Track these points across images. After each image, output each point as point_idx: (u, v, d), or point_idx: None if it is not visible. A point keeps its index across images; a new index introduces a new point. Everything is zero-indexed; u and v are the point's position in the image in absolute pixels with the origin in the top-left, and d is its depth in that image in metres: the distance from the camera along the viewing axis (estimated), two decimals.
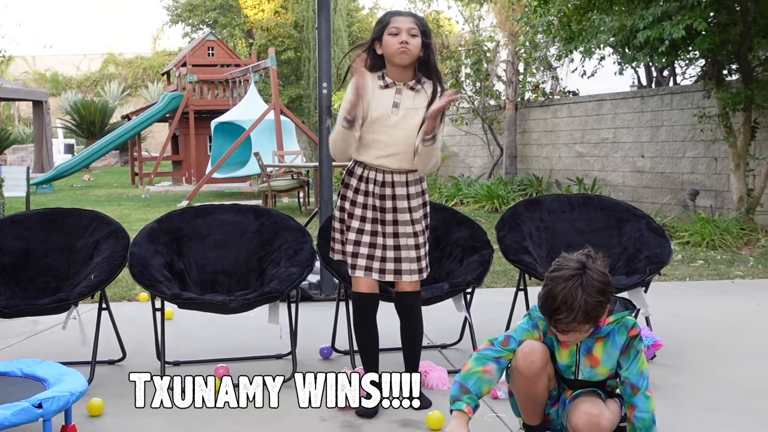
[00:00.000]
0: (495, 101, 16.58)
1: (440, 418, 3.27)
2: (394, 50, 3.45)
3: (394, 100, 3.51)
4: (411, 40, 3.45)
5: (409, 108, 3.51)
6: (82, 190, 19.77)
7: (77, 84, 41.60)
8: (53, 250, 4.43)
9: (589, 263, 2.70)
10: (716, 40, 8.89)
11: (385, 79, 3.54)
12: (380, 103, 3.51)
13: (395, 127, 3.50)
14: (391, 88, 3.54)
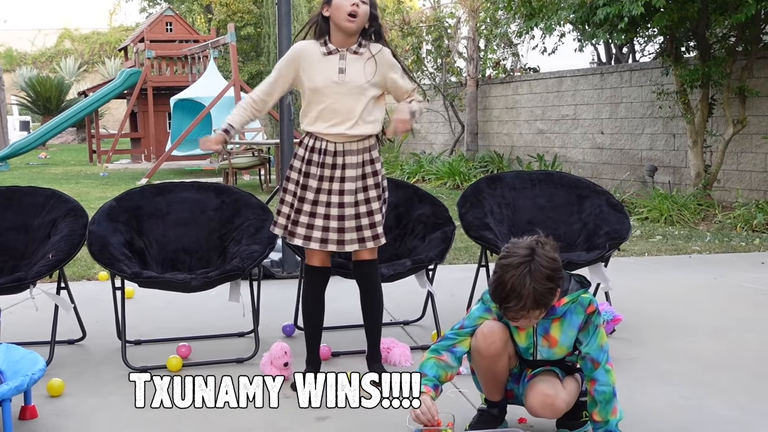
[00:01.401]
0: (456, 78, 16.59)
1: None
2: (344, 14, 3.40)
3: (339, 66, 3.46)
4: (361, 5, 3.41)
5: (355, 73, 3.47)
6: (39, 168, 19.47)
7: (32, 60, 40.87)
8: (9, 229, 4.35)
9: (538, 249, 2.68)
10: (674, 18, 8.98)
11: (327, 46, 3.49)
12: (324, 72, 3.47)
13: (343, 94, 3.46)
14: (335, 54, 3.48)
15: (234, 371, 3.84)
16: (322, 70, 3.47)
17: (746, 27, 9.16)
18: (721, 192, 10.05)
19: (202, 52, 19.46)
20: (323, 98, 3.47)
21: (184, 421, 3.22)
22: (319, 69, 3.47)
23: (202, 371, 3.86)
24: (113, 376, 3.79)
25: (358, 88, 3.46)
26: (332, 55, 3.48)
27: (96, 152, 21.80)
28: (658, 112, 11.20)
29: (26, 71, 35.98)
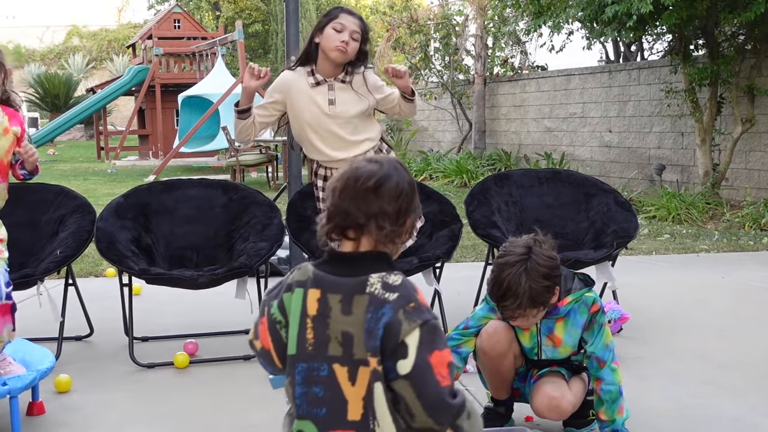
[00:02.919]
0: (464, 76, 16.57)
1: None
2: (333, 46, 3.45)
3: (329, 98, 3.53)
4: (351, 42, 3.47)
5: (344, 102, 3.54)
6: (47, 165, 19.52)
7: (40, 56, 40.97)
8: (17, 226, 4.36)
9: (535, 248, 2.67)
10: (683, 15, 8.95)
11: (315, 76, 3.54)
12: (312, 103, 3.53)
13: (332, 122, 3.52)
14: (323, 85, 3.54)
15: (241, 368, 3.85)
16: (310, 102, 3.53)
17: (755, 25, 9.12)
18: (729, 191, 10.02)
19: (210, 50, 19.48)
20: (313, 130, 3.55)
21: (191, 418, 3.23)
22: (309, 101, 3.53)
23: (209, 368, 3.87)
24: (120, 373, 3.80)
25: (348, 118, 3.54)
26: (320, 86, 3.54)
27: (104, 149, 21.84)
28: (666, 111, 11.17)
29: (35, 68, 36.08)
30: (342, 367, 1.72)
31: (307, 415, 1.77)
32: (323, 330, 1.74)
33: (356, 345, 1.70)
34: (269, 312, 1.85)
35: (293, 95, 3.55)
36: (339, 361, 1.72)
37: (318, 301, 1.75)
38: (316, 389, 1.75)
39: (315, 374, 1.75)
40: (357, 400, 1.72)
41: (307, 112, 3.53)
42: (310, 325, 1.76)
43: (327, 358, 1.73)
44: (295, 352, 1.77)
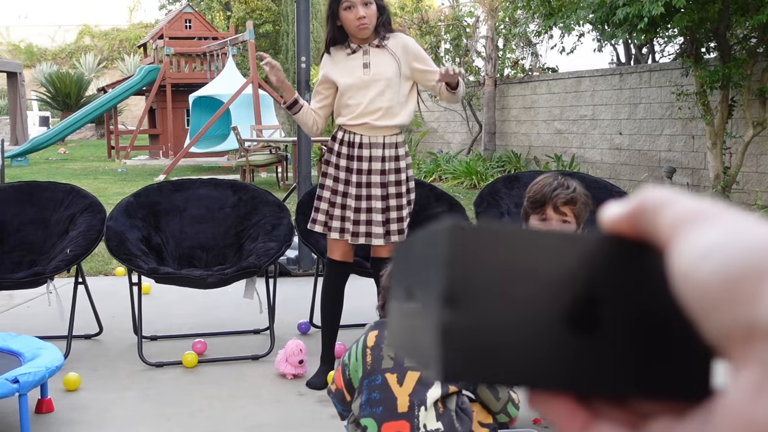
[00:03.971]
0: (474, 77, 16.56)
1: None
2: (354, 27, 3.45)
3: (363, 62, 3.51)
4: (367, 11, 3.44)
5: (380, 66, 3.50)
6: (58, 164, 19.59)
7: (52, 55, 41.11)
8: (28, 224, 4.39)
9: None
10: (695, 18, 8.92)
11: (351, 46, 3.54)
12: (350, 69, 3.52)
13: (367, 88, 3.49)
14: (358, 51, 3.52)
15: (249, 368, 3.85)
16: (348, 68, 3.52)
17: (767, 28, 9.08)
18: (740, 194, 9.98)
19: (220, 50, 19.52)
20: (351, 93, 3.52)
21: (199, 417, 3.23)
22: (346, 68, 3.52)
23: (218, 368, 3.87)
24: (129, 371, 3.81)
25: (384, 81, 3.48)
26: (356, 53, 3.53)
27: (114, 148, 21.90)
28: (677, 113, 11.14)
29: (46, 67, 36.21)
30: (392, 374, 2.20)
31: (369, 415, 2.23)
32: (378, 353, 2.25)
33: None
34: (343, 360, 2.37)
35: (336, 69, 3.56)
36: (390, 370, 2.20)
37: (375, 336, 2.30)
38: (374, 395, 2.21)
39: (373, 384, 2.23)
40: (404, 397, 2.18)
41: (347, 79, 3.52)
42: (369, 353, 2.27)
43: (381, 371, 2.23)
44: (361, 375, 2.28)
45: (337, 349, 4.00)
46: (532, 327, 0.32)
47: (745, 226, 0.29)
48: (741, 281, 0.27)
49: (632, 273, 0.33)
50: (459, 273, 0.31)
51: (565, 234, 0.33)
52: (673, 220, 0.31)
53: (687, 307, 0.30)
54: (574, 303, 0.32)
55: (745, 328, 0.27)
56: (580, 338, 0.32)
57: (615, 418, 0.33)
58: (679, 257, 0.30)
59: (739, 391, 0.27)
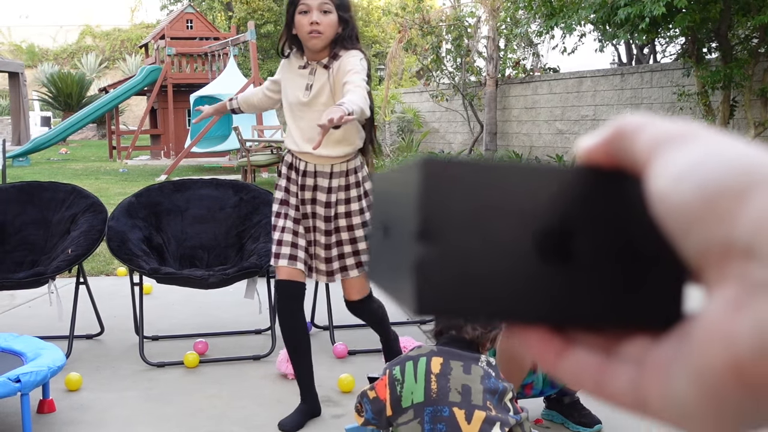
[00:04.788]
0: (475, 77, 16.56)
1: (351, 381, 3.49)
2: (305, 33, 3.05)
3: (307, 82, 3.15)
4: (323, 18, 3.03)
5: (320, 88, 3.12)
6: (59, 164, 19.60)
7: (54, 56, 41.15)
8: (30, 224, 4.39)
9: None
10: (696, 18, 8.92)
11: (303, 58, 3.19)
12: (294, 87, 3.19)
13: (307, 110, 3.13)
14: (306, 68, 3.17)
15: (250, 368, 3.86)
16: (294, 85, 3.20)
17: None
18: None
19: (222, 50, 19.53)
20: (293, 115, 3.20)
21: (200, 417, 3.24)
22: (292, 84, 3.21)
23: (219, 368, 3.88)
24: (131, 371, 3.82)
25: (321, 107, 3.07)
26: (305, 69, 3.18)
27: (116, 148, 21.91)
28: (679, 114, 11.14)
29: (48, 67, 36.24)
30: (460, 410, 2.22)
31: None
32: (445, 383, 2.27)
33: (474, 395, 2.24)
34: (391, 373, 2.36)
35: (285, 78, 3.25)
36: (458, 405, 2.23)
37: (441, 365, 2.30)
38: (440, 426, 2.22)
39: (439, 415, 2.23)
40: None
41: (290, 96, 3.19)
42: (434, 380, 2.28)
43: (448, 403, 2.24)
44: (422, 400, 2.27)
45: (338, 349, 4.00)
46: (505, 260, 0.32)
47: (723, 146, 0.29)
48: (719, 200, 0.27)
49: (608, 202, 0.33)
50: (432, 207, 0.31)
51: (540, 166, 0.33)
52: (649, 143, 0.31)
53: (665, 229, 0.30)
54: (549, 235, 0.32)
55: (723, 247, 0.27)
56: (554, 270, 0.32)
57: (589, 343, 0.33)
58: (656, 179, 0.30)
59: (717, 308, 0.27)
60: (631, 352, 0.32)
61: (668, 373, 0.29)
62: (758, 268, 0.26)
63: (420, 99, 18.29)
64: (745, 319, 0.25)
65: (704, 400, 0.27)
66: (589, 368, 0.33)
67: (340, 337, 4.17)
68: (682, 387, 0.28)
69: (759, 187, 0.26)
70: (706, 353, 0.27)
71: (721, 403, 0.27)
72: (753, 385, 0.25)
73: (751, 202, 0.26)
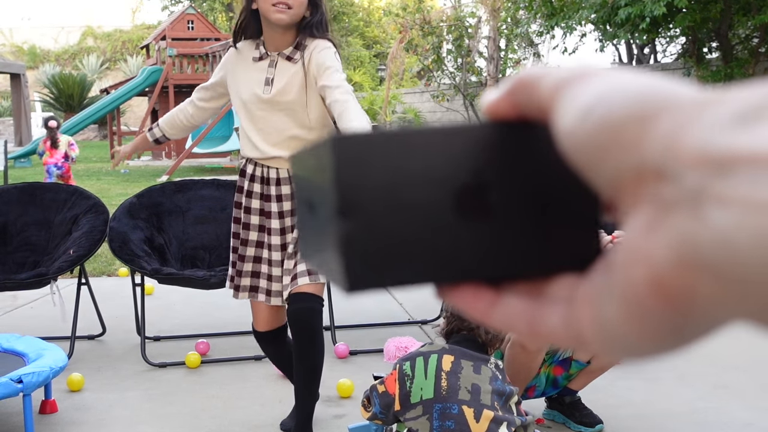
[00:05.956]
0: (476, 77, 16.57)
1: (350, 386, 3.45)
2: (269, 6, 2.62)
3: (267, 76, 2.73)
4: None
5: (285, 83, 2.70)
6: None
7: (55, 57, 41.17)
8: (32, 225, 4.40)
9: None
10: (697, 18, 8.92)
11: (259, 49, 2.76)
12: (250, 82, 2.76)
13: (269, 108, 2.72)
14: (265, 60, 2.75)
15: (252, 368, 3.86)
16: (249, 80, 2.76)
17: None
18: None
19: (223, 51, 19.53)
20: (250, 116, 2.77)
21: (201, 417, 3.25)
22: (246, 78, 2.77)
23: (221, 368, 3.88)
24: (132, 372, 3.83)
25: (287, 104, 2.71)
26: (262, 61, 2.75)
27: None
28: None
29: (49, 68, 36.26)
30: (469, 408, 2.24)
31: None
32: (455, 381, 2.29)
33: (483, 394, 2.27)
34: (401, 368, 2.37)
35: (236, 73, 2.81)
36: (467, 404, 2.25)
37: (452, 363, 2.33)
38: (448, 423, 2.23)
39: (448, 412, 2.24)
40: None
41: (244, 93, 2.76)
42: (444, 377, 2.30)
43: (458, 401, 2.26)
44: (432, 396, 2.29)
45: (339, 349, 4.01)
46: (427, 224, 0.32)
47: (623, 79, 0.29)
48: (624, 128, 0.27)
49: (519, 151, 0.33)
50: (348, 183, 0.31)
51: (447, 127, 0.33)
52: (551, 87, 0.31)
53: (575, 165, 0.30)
54: (465, 192, 0.33)
55: (634, 173, 0.27)
56: (474, 225, 0.33)
57: (518, 290, 0.34)
58: (561, 118, 0.30)
59: (634, 231, 0.28)
60: (560, 292, 0.33)
61: (597, 302, 0.30)
62: (669, 187, 0.26)
63: (421, 99, 18.30)
64: (660, 235, 0.26)
65: (631, 320, 0.28)
66: (521, 313, 0.33)
67: (341, 337, 4.18)
68: (610, 312, 0.29)
69: (662, 112, 0.27)
70: (628, 274, 0.28)
71: (646, 320, 0.27)
72: (673, 297, 0.26)
73: (656, 126, 0.27)
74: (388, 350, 3.91)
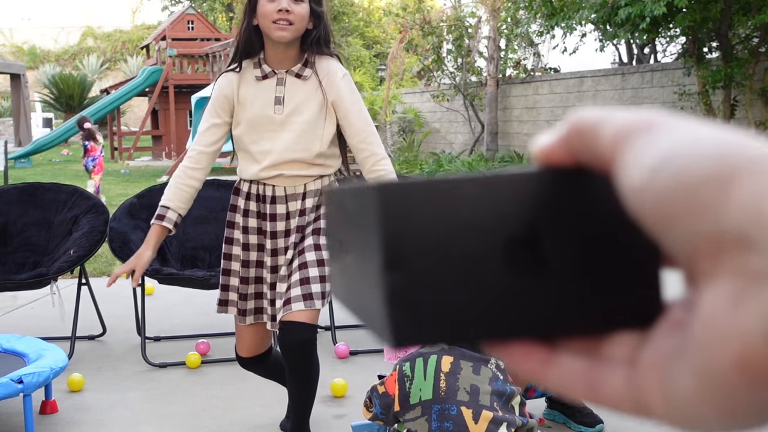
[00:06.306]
0: (476, 77, 16.57)
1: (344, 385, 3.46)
2: (269, 23, 2.52)
3: (276, 95, 2.60)
4: (294, 7, 2.51)
5: (299, 102, 2.60)
6: (61, 165, 19.63)
7: (55, 57, 41.21)
8: (32, 225, 4.40)
9: None
10: (697, 18, 8.92)
11: (262, 68, 2.62)
12: (260, 102, 2.61)
13: (282, 129, 2.60)
14: (271, 78, 2.62)
15: None
16: (256, 99, 2.62)
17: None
18: None
19: (223, 51, 19.54)
20: (254, 137, 2.62)
21: (202, 417, 3.25)
22: (253, 98, 2.62)
23: (221, 368, 3.88)
24: (133, 372, 3.83)
25: (301, 124, 2.60)
26: (267, 80, 2.62)
27: (117, 149, 21.95)
28: (679, 113, 11.14)
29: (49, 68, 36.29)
30: (468, 409, 2.24)
31: None
32: (453, 382, 2.29)
33: (482, 395, 2.27)
34: (401, 369, 2.38)
35: (240, 94, 2.64)
36: (465, 404, 2.25)
37: (451, 363, 2.33)
38: (447, 424, 2.23)
39: (446, 413, 2.25)
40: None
41: (254, 114, 2.61)
42: (443, 378, 2.30)
43: (456, 402, 2.26)
44: (431, 397, 2.29)
45: (340, 349, 4.01)
46: (476, 277, 0.31)
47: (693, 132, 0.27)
48: (700, 190, 0.25)
49: (574, 202, 0.31)
50: (394, 234, 0.30)
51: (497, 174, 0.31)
52: (614, 136, 0.29)
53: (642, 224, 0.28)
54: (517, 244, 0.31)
55: (712, 239, 0.25)
56: (525, 280, 0.31)
57: (574, 348, 0.32)
58: (628, 173, 0.28)
59: (716, 302, 0.25)
60: (620, 352, 0.30)
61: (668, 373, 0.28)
62: (756, 258, 0.24)
63: (421, 99, 18.30)
64: (750, 311, 0.24)
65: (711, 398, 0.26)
66: (579, 375, 0.31)
67: (341, 338, 4.18)
68: (683, 383, 0.27)
69: (742, 173, 0.25)
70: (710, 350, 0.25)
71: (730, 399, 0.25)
72: (761, 375, 0.24)
73: (738, 189, 0.25)
74: (388, 350, 3.91)
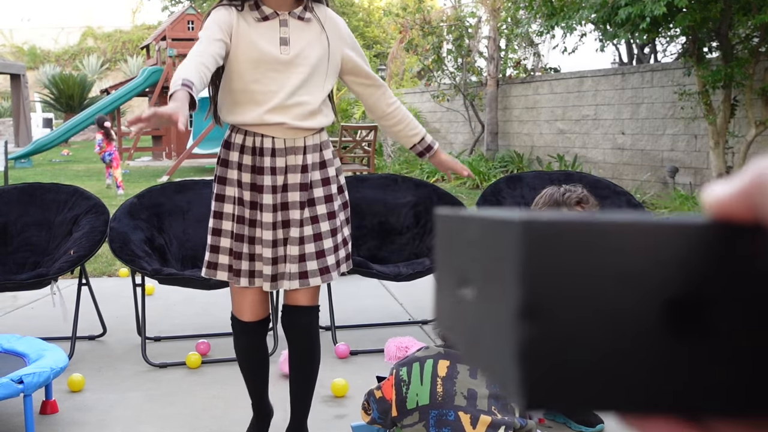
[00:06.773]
0: (476, 77, 16.56)
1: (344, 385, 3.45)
2: None
3: (281, 35, 2.50)
4: None
5: (304, 45, 2.52)
6: (61, 165, 19.63)
7: (55, 57, 41.19)
8: (32, 225, 4.40)
9: None
10: (697, 18, 8.92)
11: (261, 10, 2.51)
12: (262, 39, 2.50)
13: (287, 71, 2.49)
14: (273, 19, 2.52)
15: None
16: (260, 39, 2.50)
17: None
18: None
19: None
20: (258, 76, 2.50)
21: (202, 417, 3.25)
22: (256, 37, 2.50)
23: (221, 368, 3.88)
24: (133, 372, 3.83)
25: (308, 67, 2.52)
26: (269, 21, 2.52)
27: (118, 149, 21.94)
28: (679, 113, 11.14)
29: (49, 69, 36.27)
30: (465, 414, 2.22)
31: None
32: (450, 387, 2.26)
33: (479, 400, 2.24)
34: (398, 374, 2.36)
35: (240, 31, 2.50)
36: (463, 410, 2.22)
37: (448, 368, 2.30)
38: (445, 429, 2.22)
39: (444, 418, 2.22)
40: None
41: (258, 52, 2.48)
42: (440, 383, 2.27)
43: (454, 407, 2.23)
44: (428, 402, 2.27)
45: (340, 349, 4.01)
46: (627, 337, 0.27)
47: None
48: None
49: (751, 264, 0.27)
50: (537, 279, 0.26)
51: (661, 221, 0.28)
52: None
53: None
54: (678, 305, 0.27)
55: None
56: (686, 347, 0.27)
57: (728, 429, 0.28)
58: None
59: None
60: None
61: None
62: None
63: (421, 99, 18.30)
64: None
65: None
66: None
67: (341, 338, 4.18)
68: None
69: None
70: None
71: None
72: None
73: None
74: (389, 350, 3.91)
